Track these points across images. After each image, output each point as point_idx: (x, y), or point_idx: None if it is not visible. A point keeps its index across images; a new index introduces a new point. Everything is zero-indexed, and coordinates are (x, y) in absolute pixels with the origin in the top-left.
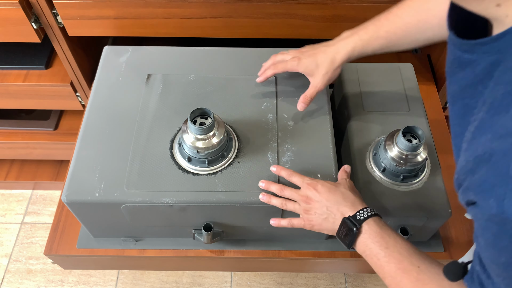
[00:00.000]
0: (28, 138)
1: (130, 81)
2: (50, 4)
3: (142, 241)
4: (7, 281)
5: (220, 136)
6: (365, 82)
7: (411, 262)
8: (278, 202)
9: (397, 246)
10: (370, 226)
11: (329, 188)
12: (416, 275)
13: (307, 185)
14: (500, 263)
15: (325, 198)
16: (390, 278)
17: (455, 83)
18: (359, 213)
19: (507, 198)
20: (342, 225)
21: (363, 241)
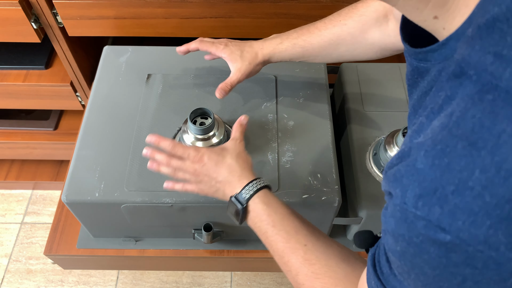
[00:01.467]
0: (28, 138)
1: (130, 81)
2: (50, 4)
3: (142, 241)
4: (7, 281)
5: (220, 136)
6: (365, 82)
7: (297, 240)
8: (168, 170)
9: (283, 223)
10: (256, 204)
11: (216, 161)
12: (303, 254)
13: (193, 157)
14: (396, 251)
15: (212, 172)
16: (278, 257)
17: (416, 93)
18: (245, 189)
19: (410, 189)
20: (230, 204)
21: (251, 219)
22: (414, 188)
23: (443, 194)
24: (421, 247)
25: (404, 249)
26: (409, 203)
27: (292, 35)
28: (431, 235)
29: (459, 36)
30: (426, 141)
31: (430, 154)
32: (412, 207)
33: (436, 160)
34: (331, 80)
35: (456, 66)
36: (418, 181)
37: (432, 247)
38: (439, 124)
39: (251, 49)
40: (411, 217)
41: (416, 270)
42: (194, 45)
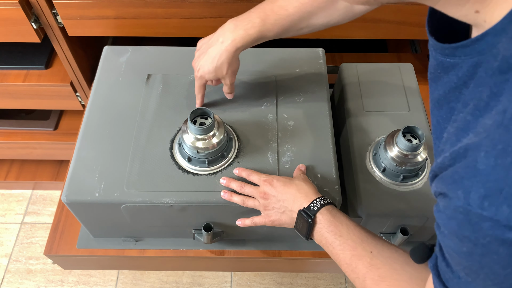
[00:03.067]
0: (28, 138)
1: (130, 81)
2: (50, 4)
3: (142, 241)
4: (7, 281)
5: (220, 136)
6: (365, 82)
7: (364, 248)
8: (239, 199)
9: (350, 233)
10: (323, 216)
11: (284, 182)
12: (369, 260)
13: (263, 181)
14: (462, 252)
15: (280, 192)
16: (345, 265)
17: (440, 88)
18: (313, 203)
19: (473, 191)
20: (299, 218)
21: (319, 231)
22: (478, 189)
23: (509, 193)
24: (489, 248)
25: (471, 250)
26: (473, 204)
27: (256, 22)
28: (499, 235)
29: (497, 32)
30: (483, 141)
31: (492, 154)
32: (478, 208)
33: (499, 160)
34: (331, 80)
35: (502, 62)
36: (481, 182)
37: (502, 247)
38: (492, 122)
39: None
40: (475, 218)
41: (486, 269)
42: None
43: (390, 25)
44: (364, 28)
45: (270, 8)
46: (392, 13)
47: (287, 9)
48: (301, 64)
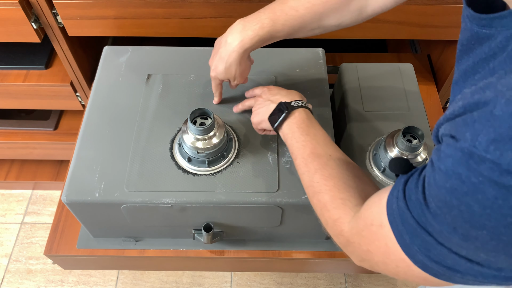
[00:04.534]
0: (28, 138)
1: (130, 81)
2: (50, 4)
3: (142, 241)
4: (7, 281)
5: (220, 136)
6: (365, 82)
7: (325, 150)
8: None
9: (317, 136)
10: (299, 114)
11: (279, 88)
12: (326, 160)
13: (262, 87)
14: (443, 187)
15: (270, 93)
16: (301, 159)
17: (470, 59)
18: (295, 101)
19: (482, 133)
20: (276, 108)
21: (289, 125)
22: (489, 133)
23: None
24: (477, 187)
25: (456, 186)
26: (479, 147)
27: (266, 23)
28: (494, 177)
29: None
30: (506, 92)
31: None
32: (482, 150)
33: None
34: (331, 80)
35: None
36: (493, 127)
37: (491, 188)
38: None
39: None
40: (476, 158)
41: (462, 207)
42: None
43: (390, 25)
44: (364, 28)
45: (280, 8)
46: (392, 13)
47: (298, 10)
48: (301, 64)
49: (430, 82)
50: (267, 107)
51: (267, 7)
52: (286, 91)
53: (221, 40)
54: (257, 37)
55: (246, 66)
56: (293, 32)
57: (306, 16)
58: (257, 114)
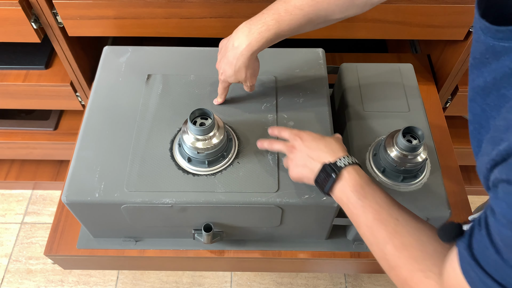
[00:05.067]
0: (28, 138)
1: (130, 81)
2: (50, 4)
3: (142, 241)
4: (7, 281)
5: (220, 136)
6: (365, 82)
7: (389, 214)
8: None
9: (376, 196)
10: (349, 174)
11: (314, 137)
12: (394, 226)
13: (294, 135)
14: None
15: (307, 146)
16: (365, 228)
17: (488, 75)
18: (340, 160)
19: None
20: (322, 171)
21: (341, 188)
22: None
23: None
24: None
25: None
26: None
27: (271, 24)
28: None
29: None
30: None
31: None
32: None
33: None
34: (331, 80)
35: None
36: None
37: None
38: None
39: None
40: None
41: None
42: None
43: (390, 25)
44: (364, 28)
45: (284, 8)
46: (392, 13)
47: (302, 9)
48: (301, 64)
49: (430, 82)
50: (308, 167)
51: (270, 7)
52: (324, 143)
53: (228, 43)
54: (263, 39)
55: (255, 68)
56: (299, 30)
57: (311, 14)
58: (297, 172)
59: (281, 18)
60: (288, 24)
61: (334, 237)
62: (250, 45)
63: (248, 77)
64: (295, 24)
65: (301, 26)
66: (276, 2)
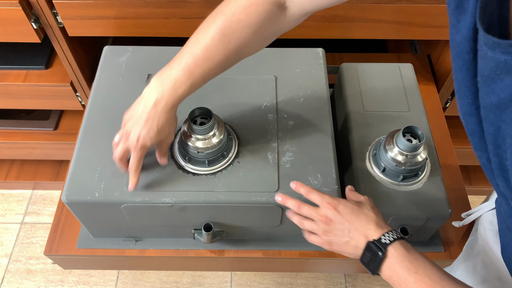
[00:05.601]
0: (28, 138)
1: (130, 81)
2: (50, 4)
3: (142, 241)
4: (7, 281)
5: (220, 136)
6: (365, 82)
7: (443, 287)
8: (297, 219)
9: (427, 271)
10: (396, 250)
11: (352, 210)
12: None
13: (327, 204)
14: None
15: (347, 221)
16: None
17: (501, 91)
18: (384, 236)
19: None
20: (367, 250)
21: (390, 266)
22: None
23: None
24: None
25: None
26: None
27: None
28: None
29: None
30: None
31: None
32: None
33: None
34: (331, 80)
35: None
36: None
37: None
38: None
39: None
40: None
41: None
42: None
43: (390, 25)
44: (364, 28)
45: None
46: (392, 13)
47: (214, 58)
48: (301, 64)
49: (430, 82)
50: (351, 245)
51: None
52: (364, 217)
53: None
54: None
55: (176, 124)
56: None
57: (223, 61)
58: (339, 249)
59: (191, 73)
60: (200, 76)
61: None
62: (168, 102)
63: (170, 134)
64: (207, 74)
65: (216, 72)
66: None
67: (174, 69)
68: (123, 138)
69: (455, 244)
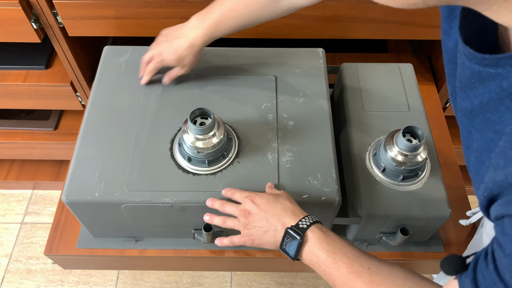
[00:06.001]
0: (28, 138)
1: (130, 81)
2: (50, 4)
3: (142, 241)
4: (7, 281)
5: (220, 136)
6: (365, 82)
7: (361, 264)
8: (219, 220)
9: (344, 250)
10: (314, 234)
11: (267, 200)
12: (369, 276)
13: (245, 198)
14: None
15: (263, 210)
16: (342, 284)
17: (474, 98)
18: (301, 221)
19: None
20: (285, 236)
21: (309, 250)
22: None
23: None
24: None
25: None
26: None
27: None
28: None
29: None
30: None
31: None
32: None
33: None
34: (331, 80)
35: None
36: None
37: None
38: None
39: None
40: None
41: None
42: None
43: (390, 25)
44: (364, 28)
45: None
46: (392, 13)
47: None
48: (301, 64)
49: (430, 82)
50: (269, 233)
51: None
52: (280, 205)
53: (177, 32)
54: (210, 33)
55: (198, 60)
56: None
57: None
58: (257, 239)
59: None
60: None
61: None
62: (198, 38)
63: (188, 65)
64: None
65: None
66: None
67: (210, 11)
68: (153, 46)
69: (455, 244)
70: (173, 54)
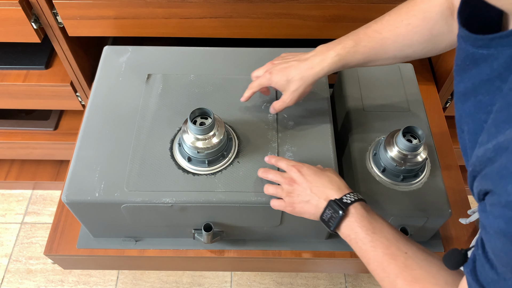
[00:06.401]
0: (28, 138)
1: (130, 81)
2: (50, 4)
3: (142, 241)
4: (7, 281)
5: (220, 136)
6: (365, 82)
7: (398, 247)
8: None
9: (384, 231)
10: (356, 210)
11: (315, 171)
12: (404, 260)
13: (291, 167)
14: (510, 251)
15: (309, 181)
16: (376, 264)
17: (467, 81)
18: (346, 196)
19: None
20: (327, 208)
21: (349, 225)
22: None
23: None
24: None
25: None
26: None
27: (348, 43)
28: None
29: None
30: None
31: None
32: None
33: None
34: (331, 80)
35: None
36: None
37: None
38: None
39: (297, 71)
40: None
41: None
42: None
43: None
44: None
45: (363, 32)
46: None
47: (381, 33)
48: None
49: (430, 82)
50: (312, 204)
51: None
52: (327, 178)
53: (299, 56)
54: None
55: (306, 92)
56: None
57: (389, 39)
58: (300, 207)
59: (359, 39)
60: (364, 46)
61: (334, 237)
62: (316, 71)
63: (293, 94)
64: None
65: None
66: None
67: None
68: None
69: (455, 244)
70: (282, 77)
